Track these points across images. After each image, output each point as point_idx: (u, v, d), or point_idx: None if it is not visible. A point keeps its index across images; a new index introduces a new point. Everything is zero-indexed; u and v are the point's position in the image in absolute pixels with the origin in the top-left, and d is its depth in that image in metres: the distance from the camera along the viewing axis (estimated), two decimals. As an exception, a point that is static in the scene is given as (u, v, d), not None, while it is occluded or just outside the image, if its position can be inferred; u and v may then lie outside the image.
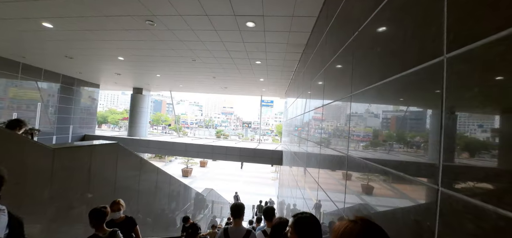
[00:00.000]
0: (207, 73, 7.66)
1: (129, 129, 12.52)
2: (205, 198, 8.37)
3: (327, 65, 2.46)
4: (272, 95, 12.49)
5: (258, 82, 8.76)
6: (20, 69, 8.10)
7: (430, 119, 0.90)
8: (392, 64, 1.16)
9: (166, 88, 12.95)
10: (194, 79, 9.11)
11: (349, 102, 1.76)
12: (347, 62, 1.87)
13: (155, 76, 8.99)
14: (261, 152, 10.39)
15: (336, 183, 1.99)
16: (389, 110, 1.26)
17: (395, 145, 1.17)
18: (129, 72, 8.80)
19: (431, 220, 0.79)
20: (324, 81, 2.61)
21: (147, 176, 3.81)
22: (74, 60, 7.22)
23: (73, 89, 10.76)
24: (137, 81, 11.29)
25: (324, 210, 2.31)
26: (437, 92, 0.82)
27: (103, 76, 10.16)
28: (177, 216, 5.51)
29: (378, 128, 1.33)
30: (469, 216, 0.65)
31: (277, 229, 1.71)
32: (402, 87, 1.09)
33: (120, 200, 2.38)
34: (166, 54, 5.77)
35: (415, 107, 1.04)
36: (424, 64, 0.90)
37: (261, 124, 13.56)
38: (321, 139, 2.66)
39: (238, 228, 2.25)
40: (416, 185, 0.93)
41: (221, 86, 10.38)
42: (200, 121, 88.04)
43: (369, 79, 1.40)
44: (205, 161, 25.87)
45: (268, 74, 7.22)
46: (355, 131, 1.66)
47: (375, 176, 1.30)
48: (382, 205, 1.23)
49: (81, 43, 5.37)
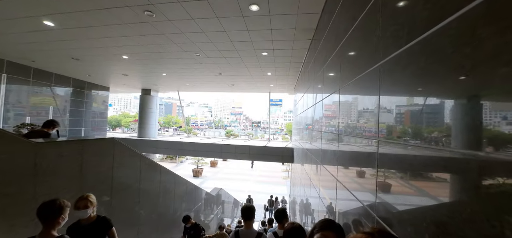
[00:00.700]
0: (212, 68, 7.44)
1: (138, 130, 12.60)
2: (215, 198, 8.14)
3: (347, 36, 2.10)
4: (280, 91, 12.12)
5: (266, 77, 8.44)
6: (32, 74, 8.27)
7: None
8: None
9: (174, 89, 12.92)
10: (200, 77, 8.93)
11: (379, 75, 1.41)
12: (371, 25, 1.52)
13: (161, 75, 8.90)
14: (271, 150, 10.06)
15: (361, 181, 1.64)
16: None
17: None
18: (135, 73, 8.76)
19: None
20: (340, 59, 2.26)
21: (148, 174, 3.61)
22: (81, 62, 7.24)
23: (84, 93, 10.94)
24: (145, 82, 11.31)
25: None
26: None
27: (111, 78, 10.23)
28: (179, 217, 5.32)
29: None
30: None
31: (289, 235, 1.56)
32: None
33: (90, 195, 1.90)
34: (169, 49, 5.59)
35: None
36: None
37: (271, 123, 13.26)
38: (340, 129, 2.31)
39: (249, 231, 2.21)
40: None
41: (228, 84, 10.15)
42: (210, 122, 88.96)
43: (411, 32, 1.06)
44: (215, 161, 25.88)
45: (276, 66, 6.88)
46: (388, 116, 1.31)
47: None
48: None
49: (84, 42, 5.30)
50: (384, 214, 1.22)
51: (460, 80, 0.77)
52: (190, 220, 4.08)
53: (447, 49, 0.81)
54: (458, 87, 0.78)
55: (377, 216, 1.29)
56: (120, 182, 2.78)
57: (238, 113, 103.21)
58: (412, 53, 1.02)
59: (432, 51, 0.90)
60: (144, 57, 6.46)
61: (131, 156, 2.97)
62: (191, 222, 4.07)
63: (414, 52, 1.01)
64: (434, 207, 0.87)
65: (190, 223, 4.05)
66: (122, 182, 2.83)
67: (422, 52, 0.96)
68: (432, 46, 0.90)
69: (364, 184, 1.57)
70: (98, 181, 2.45)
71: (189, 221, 4.08)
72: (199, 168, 21.41)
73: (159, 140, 11.51)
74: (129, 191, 2.98)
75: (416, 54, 1.00)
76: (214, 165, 25.63)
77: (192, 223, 4.07)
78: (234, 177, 21.70)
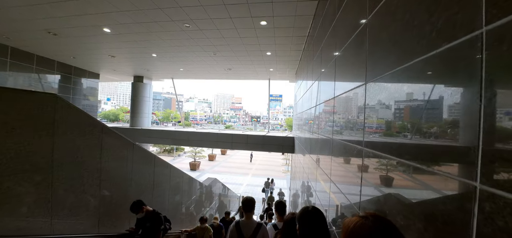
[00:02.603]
0: (206, 46, 6.73)
1: (131, 120, 11.92)
2: (207, 188, 7.40)
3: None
4: (280, 78, 11.41)
5: (265, 59, 7.73)
6: (9, 54, 7.56)
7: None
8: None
9: (168, 76, 12.20)
10: (194, 59, 8.22)
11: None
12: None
13: (151, 57, 8.18)
14: (270, 139, 9.41)
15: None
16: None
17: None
18: (122, 54, 8.04)
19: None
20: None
21: (114, 152, 2.94)
22: (60, 39, 6.52)
23: (70, 79, 10.22)
24: (136, 68, 10.59)
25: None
26: None
27: (99, 62, 9.51)
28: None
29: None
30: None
31: (289, 225, 1.56)
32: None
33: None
34: (155, 17, 4.89)
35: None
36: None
37: (270, 118, 12.68)
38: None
39: (249, 221, 2.29)
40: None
41: (224, 68, 9.44)
42: (209, 117, 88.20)
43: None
44: (213, 155, 25.30)
45: (276, 43, 6.18)
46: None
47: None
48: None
49: (57, 10, 4.58)
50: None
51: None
52: (144, 208, 2.73)
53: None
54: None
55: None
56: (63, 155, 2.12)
57: (237, 109, 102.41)
58: None
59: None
60: (128, 31, 5.74)
61: (90, 126, 2.30)
62: (146, 209, 2.75)
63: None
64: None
65: (144, 211, 2.72)
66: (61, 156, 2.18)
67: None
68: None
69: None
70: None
71: (143, 209, 2.72)
72: (197, 161, 20.81)
73: (152, 129, 10.85)
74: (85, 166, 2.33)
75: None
76: (212, 159, 25.04)
77: (147, 211, 2.74)
78: (232, 170, 21.12)
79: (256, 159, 27.43)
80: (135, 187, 3.19)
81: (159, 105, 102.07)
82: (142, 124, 11.93)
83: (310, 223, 1.19)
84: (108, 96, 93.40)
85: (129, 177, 3.05)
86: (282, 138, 9.22)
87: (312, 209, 1.26)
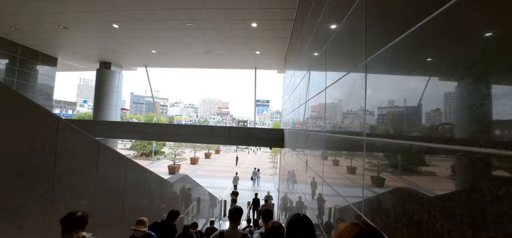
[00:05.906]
0: (180, 16, 5.51)
1: (94, 111, 10.23)
2: (170, 187, 5.42)
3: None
4: (268, 67, 10.38)
5: (250, 34, 6.64)
6: None
7: None
8: None
9: (140, 63, 10.73)
10: (166, 34, 6.94)
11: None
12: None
13: (113, 30, 6.77)
14: (255, 131, 8.25)
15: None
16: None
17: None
18: (76, 26, 6.58)
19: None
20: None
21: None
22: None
23: (16, 59, 8.45)
24: (100, 51, 9.07)
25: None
26: None
27: (51, 39, 7.89)
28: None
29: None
30: None
31: (271, 235, 1.60)
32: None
33: None
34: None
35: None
36: None
37: (258, 124, 11.56)
38: None
39: (233, 231, 2.23)
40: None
41: (204, 50, 8.23)
42: (195, 122, 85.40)
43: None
44: (196, 157, 23.60)
45: (262, 8, 5.10)
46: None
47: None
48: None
49: None
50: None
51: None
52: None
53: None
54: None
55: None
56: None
57: (224, 114, 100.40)
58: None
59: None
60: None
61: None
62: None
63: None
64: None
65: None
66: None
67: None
68: None
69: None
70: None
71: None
72: (176, 164, 19.05)
73: (118, 121, 9.28)
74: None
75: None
76: (195, 162, 23.31)
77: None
78: (217, 174, 19.56)
79: (242, 162, 26.01)
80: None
81: (142, 109, 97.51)
82: (109, 116, 10.27)
83: (298, 231, 1.23)
84: (85, 99, 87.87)
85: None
86: (270, 130, 8.10)
87: (302, 217, 1.28)
